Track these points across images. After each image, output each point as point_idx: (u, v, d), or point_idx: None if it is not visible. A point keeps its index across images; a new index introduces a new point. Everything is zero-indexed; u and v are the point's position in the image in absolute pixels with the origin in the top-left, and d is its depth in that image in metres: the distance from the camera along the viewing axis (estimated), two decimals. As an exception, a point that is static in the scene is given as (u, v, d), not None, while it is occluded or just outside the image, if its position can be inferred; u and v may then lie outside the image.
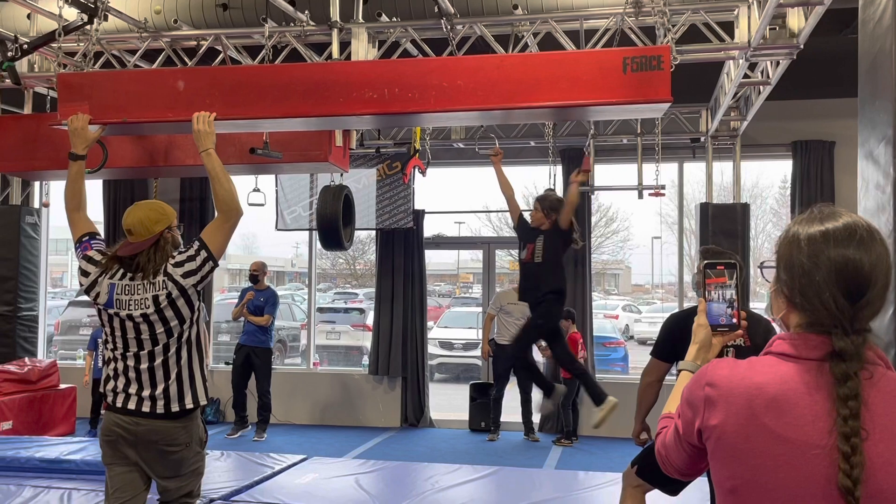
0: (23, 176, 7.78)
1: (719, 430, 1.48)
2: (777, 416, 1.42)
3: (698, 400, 1.53)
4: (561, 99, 3.86)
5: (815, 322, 1.46)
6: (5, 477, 5.64)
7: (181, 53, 6.75)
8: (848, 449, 1.35)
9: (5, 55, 5.86)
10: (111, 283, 3.29)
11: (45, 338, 10.03)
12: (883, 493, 1.35)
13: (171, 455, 3.33)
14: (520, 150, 9.42)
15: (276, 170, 7.10)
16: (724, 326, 1.74)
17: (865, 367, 1.41)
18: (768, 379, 1.45)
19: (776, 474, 1.41)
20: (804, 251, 1.49)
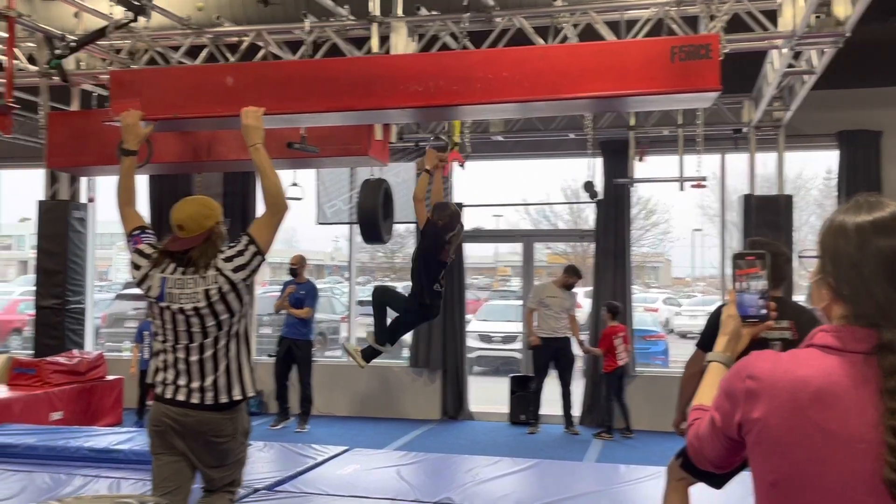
0: (70, 172, 7.94)
1: (761, 423, 1.46)
2: (822, 409, 1.40)
3: (739, 392, 1.50)
4: (607, 89, 3.84)
5: (861, 314, 1.43)
6: (56, 466, 5.77)
7: (223, 49, 6.83)
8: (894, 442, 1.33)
9: (54, 53, 5.98)
10: (163, 277, 3.34)
11: (92, 330, 10.23)
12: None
13: (217, 446, 3.39)
14: (558, 143, 9.39)
15: (316, 164, 7.16)
16: (754, 317, 1.72)
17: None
18: (812, 372, 1.43)
19: (820, 468, 1.40)
20: (852, 241, 1.46)
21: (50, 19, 6.82)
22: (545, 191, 23.19)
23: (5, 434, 6.39)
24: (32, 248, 10.82)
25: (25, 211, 19.24)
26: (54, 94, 7.33)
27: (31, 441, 6.15)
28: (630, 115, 8.42)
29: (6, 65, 5.58)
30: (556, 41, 5.94)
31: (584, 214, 17.64)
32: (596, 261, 9.44)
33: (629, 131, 8.60)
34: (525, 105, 4.25)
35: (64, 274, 9.10)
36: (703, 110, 7.84)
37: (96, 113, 5.89)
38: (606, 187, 9.09)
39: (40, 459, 5.89)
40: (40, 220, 9.28)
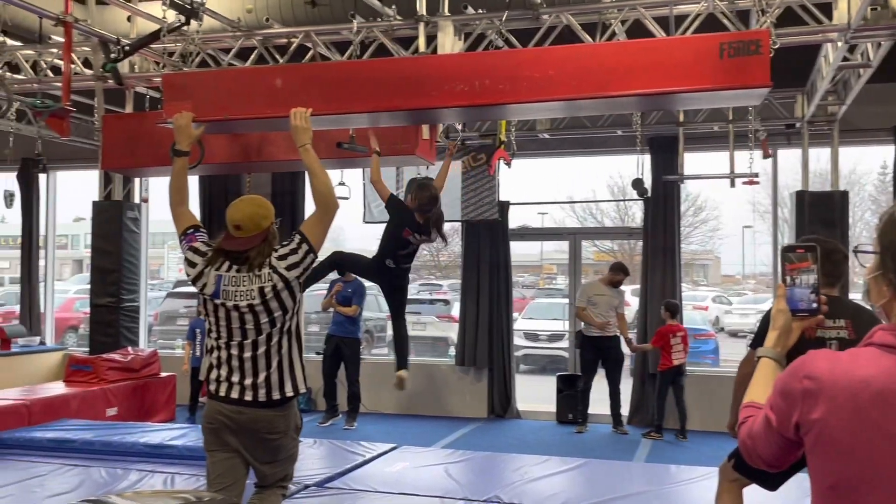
0: (124, 173, 8.11)
1: (821, 424, 1.43)
2: (884, 410, 1.36)
3: (796, 392, 1.47)
4: (655, 86, 3.80)
5: None
6: (112, 461, 5.90)
7: (272, 51, 6.91)
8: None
9: (108, 57, 6.12)
10: (218, 275, 3.39)
11: (145, 328, 10.44)
12: None
13: (270, 442, 3.43)
14: (606, 140, 9.32)
15: (363, 164, 7.19)
16: (805, 311, 1.69)
17: None
18: (872, 372, 1.39)
19: (883, 471, 1.36)
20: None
21: (104, 24, 6.98)
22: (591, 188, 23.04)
23: (64, 429, 6.57)
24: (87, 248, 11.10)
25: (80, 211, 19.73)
26: (109, 96, 7.51)
27: (88, 436, 6.30)
28: (679, 112, 8.31)
29: (64, 69, 5.72)
30: (604, 38, 5.90)
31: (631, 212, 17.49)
32: (644, 258, 9.35)
33: (678, 127, 8.50)
34: (571, 103, 4.22)
35: (118, 273, 9.30)
36: (754, 105, 7.71)
37: (149, 115, 6.00)
38: (655, 184, 9.00)
39: (97, 454, 6.04)
40: (95, 220, 9.49)
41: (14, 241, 15.01)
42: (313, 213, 3.53)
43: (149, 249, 10.70)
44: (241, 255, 3.37)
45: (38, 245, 11.10)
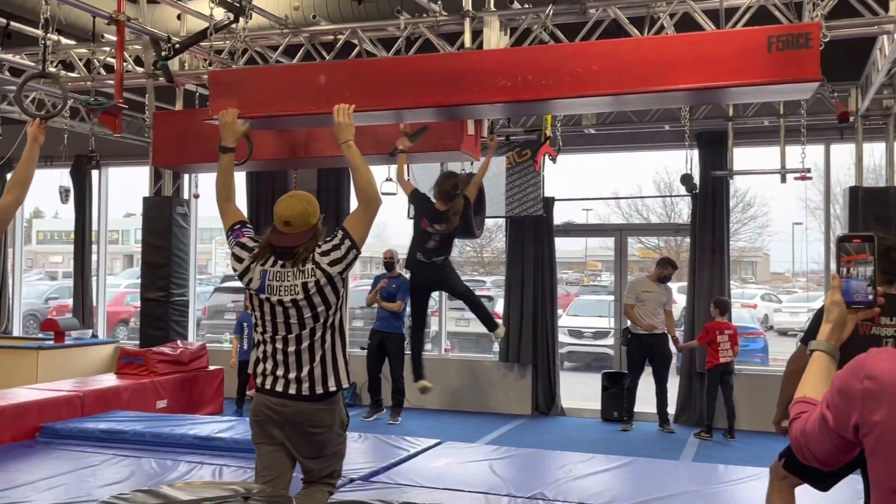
0: (174, 169, 8.24)
1: (882, 426, 1.38)
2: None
3: (856, 392, 1.43)
4: (701, 81, 3.74)
5: None
6: (162, 452, 6.02)
7: (319, 48, 6.97)
8: None
9: (159, 54, 6.22)
10: (263, 270, 3.43)
11: (194, 322, 10.62)
12: None
13: (314, 436, 3.46)
14: (653, 135, 9.21)
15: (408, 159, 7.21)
16: (860, 303, 1.65)
17: None
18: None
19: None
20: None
21: (155, 22, 7.10)
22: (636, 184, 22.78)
23: (115, 420, 6.71)
24: (138, 243, 11.31)
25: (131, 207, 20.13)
26: (159, 94, 7.63)
27: (139, 427, 6.43)
28: (728, 106, 8.18)
29: (116, 67, 5.84)
30: (652, 32, 5.83)
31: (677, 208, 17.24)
32: (692, 256, 9.23)
33: (727, 122, 8.37)
34: (616, 98, 4.17)
35: (168, 267, 9.47)
36: (805, 99, 7.55)
37: (199, 112, 6.08)
38: (703, 179, 8.87)
39: (147, 445, 6.16)
40: (145, 215, 9.68)
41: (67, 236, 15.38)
42: (356, 209, 3.55)
43: (197, 245, 10.88)
44: (288, 251, 3.41)
45: (91, 240, 11.34)
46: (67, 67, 7.86)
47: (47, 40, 5.20)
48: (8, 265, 11.72)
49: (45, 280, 20.69)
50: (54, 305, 15.53)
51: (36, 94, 8.81)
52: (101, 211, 11.56)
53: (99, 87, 7.59)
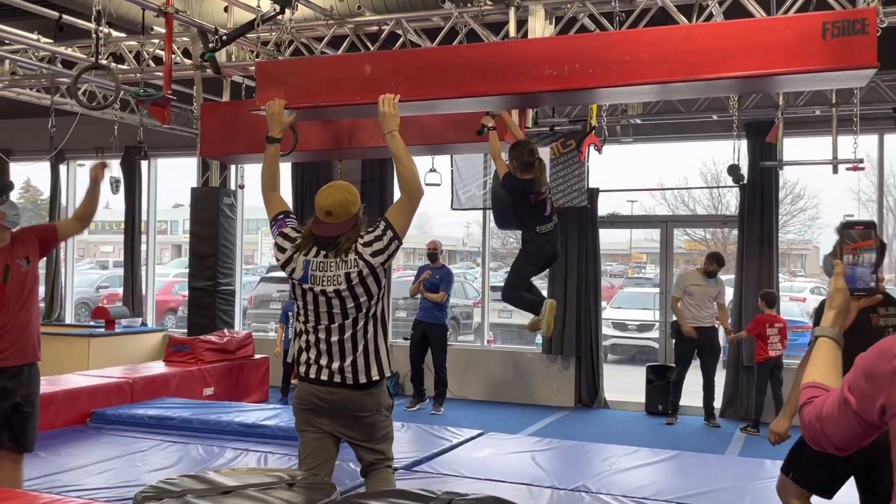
0: (221, 160, 8.33)
1: None
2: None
3: (884, 374, 1.41)
4: (754, 68, 3.66)
5: None
6: (209, 438, 6.11)
7: (364, 39, 6.98)
8: None
9: (207, 46, 6.29)
10: (306, 260, 3.45)
11: (240, 311, 10.76)
12: None
13: (363, 419, 3.48)
14: (701, 125, 9.08)
15: (452, 150, 7.20)
16: (863, 290, 1.65)
17: None
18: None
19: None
20: None
21: (203, 14, 7.19)
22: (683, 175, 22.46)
23: (164, 407, 6.83)
24: (185, 233, 11.49)
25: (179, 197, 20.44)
26: (206, 85, 7.73)
27: (187, 414, 6.54)
28: (778, 95, 8.01)
29: (165, 59, 5.92)
30: (701, 19, 5.73)
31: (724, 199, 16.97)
32: (739, 248, 9.08)
33: (777, 112, 8.20)
34: (664, 87, 4.10)
35: (215, 257, 9.58)
36: (859, 88, 7.36)
37: (245, 103, 6.14)
38: (752, 170, 8.71)
39: (194, 432, 6.26)
40: (193, 205, 9.81)
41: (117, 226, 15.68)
42: (398, 200, 3.55)
43: (243, 235, 11.01)
44: (330, 241, 3.42)
45: (140, 230, 11.55)
46: (118, 60, 7.99)
47: (99, 33, 5.29)
48: (61, 255, 12.00)
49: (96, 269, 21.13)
50: (105, 294, 15.85)
51: (87, 87, 8.97)
52: (150, 201, 11.76)
53: (148, 78, 7.71)
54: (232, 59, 7.45)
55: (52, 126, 7.47)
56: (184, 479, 2.75)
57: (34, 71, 8.45)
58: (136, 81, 7.62)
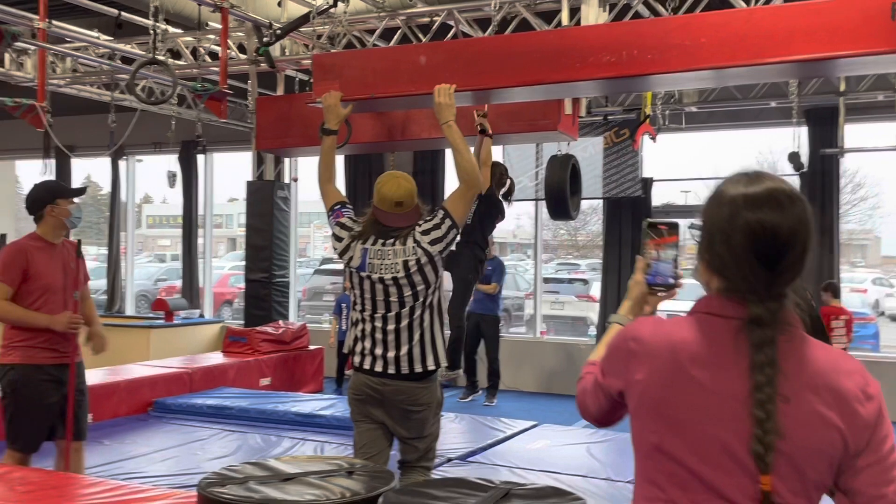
0: (276, 153, 8.42)
1: (643, 384, 1.46)
2: (702, 369, 1.39)
3: (622, 353, 1.51)
4: (818, 51, 3.56)
5: (731, 287, 1.42)
6: (267, 428, 6.21)
7: (416, 30, 6.99)
8: (762, 415, 1.33)
9: (261, 41, 6.36)
10: (364, 248, 3.46)
11: (295, 302, 10.88)
12: (795, 456, 1.33)
13: (413, 414, 3.47)
14: (758, 112, 8.88)
15: (504, 140, 7.17)
16: (661, 286, 1.74)
17: (785, 330, 1.38)
18: (694, 335, 1.43)
19: (704, 427, 1.38)
20: (724, 213, 1.43)
21: (257, 9, 7.27)
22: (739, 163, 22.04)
23: (222, 396, 6.95)
24: (240, 227, 11.65)
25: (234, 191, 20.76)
26: (261, 79, 7.82)
27: (244, 404, 6.65)
28: (840, 80, 7.80)
29: (221, 54, 6.01)
30: (761, 2, 5.60)
31: (782, 188, 16.60)
32: (799, 237, 8.87)
33: (838, 97, 7.99)
34: (721, 73, 4.02)
35: (270, 250, 9.70)
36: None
37: (300, 97, 6.20)
38: (811, 158, 8.50)
39: (252, 421, 6.36)
40: (249, 199, 9.93)
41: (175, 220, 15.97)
42: (457, 189, 3.54)
43: (297, 228, 11.12)
44: (392, 230, 3.43)
45: (197, 224, 11.76)
46: (174, 55, 8.13)
47: (157, 29, 5.38)
48: (121, 249, 12.28)
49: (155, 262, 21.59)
50: (163, 286, 16.19)
51: (146, 82, 9.15)
52: (207, 195, 11.95)
53: (204, 73, 7.83)
54: (286, 53, 7.52)
55: (113, 122, 7.62)
56: (246, 465, 2.79)
57: (94, 68, 8.65)
58: (193, 77, 7.75)
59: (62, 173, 11.74)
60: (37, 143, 7.16)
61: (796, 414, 1.34)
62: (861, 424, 1.35)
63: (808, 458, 1.34)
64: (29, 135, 8.17)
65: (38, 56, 7.11)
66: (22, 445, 4.01)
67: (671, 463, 1.42)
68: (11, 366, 3.96)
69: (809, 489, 1.36)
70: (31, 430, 4.01)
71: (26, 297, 3.93)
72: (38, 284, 3.95)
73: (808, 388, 1.36)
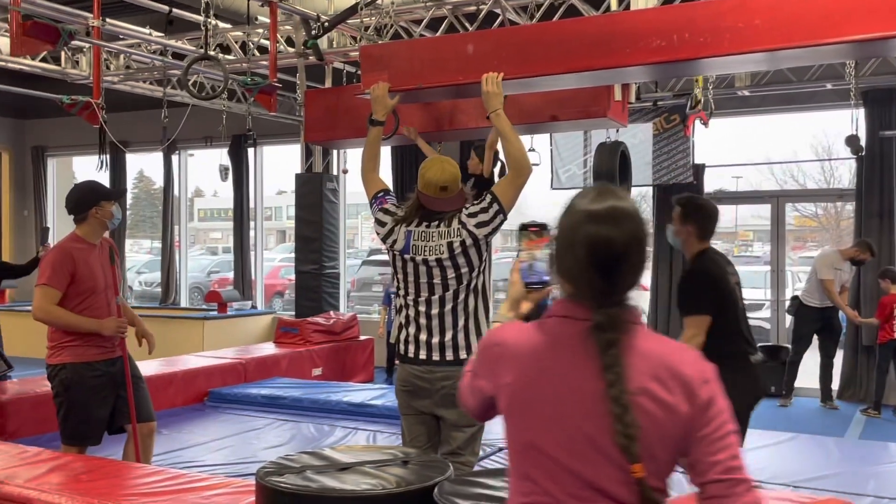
0: (325, 145, 8.49)
1: (512, 387, 1.57)
2: (562, 369, 1.52)
3: (489, 358, 1.64)
4: (876, 31, 3.45)
5: (578, 293, 1.55)
6: (319, 417, 6.28)
7: (462, 19, 6.96)
8: (619, 410, 1.45)
9: (310, 34, 6.40)
10: (408, 230, 3.45)
11: (345, 293, 10.97)
12: (648, 442, 1.46)
13: None
14: (812, 95, 8.67)
15: (553, 128, 7.11)
16: (536, 283, 1.86)
17: (628, 329, 1.52)
18: (552, 338, 1.55)
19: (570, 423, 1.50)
20: (570, 224, 1.56)
21: (304, 2, 7.31)
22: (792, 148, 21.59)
23: (275, 387, 7.05)
24: (289, 219, 11.75)
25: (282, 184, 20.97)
26: (309, 72, 7.87)
27: (297, 394, 6.73)
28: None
29: (270, 47, 6.06)
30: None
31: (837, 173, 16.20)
32: (857, 223, 8.66)
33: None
34: (776, 55, 3.91)
35: (319, 241, 9.79)
36: None
37: (347, 89, 6.22)
38: (870, 141, 8.27)
39: (305, 411, 6.44)
40: (298, 191, 10.04)
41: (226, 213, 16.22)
42: (506, 176, 3.54)
43: (346, 219, 11.20)
44: (436, 213, 3.42)
45: (248, 216, 11.91)
46: (224, 50, 8.22)
47: (208, 24, 5.44)
48: (175, 242, 12.51)
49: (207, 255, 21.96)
50: (216, 278, 16.46)
51: (196, 78, 9.28)
52: (257, 188, 12.10)
53: (253, 67, 7.90)
54: (333, 45, 7.55)
55: (165, 117, 7.75)
56: (302, 455, 2.82)
57: (147, 64, 8.79)
58: (243, 71, 7.83)
59: (116, 168, 11.99)
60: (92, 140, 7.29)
61: (646, 404, 1.47)
62: (700, 405, 1.49)
63: (658, 442, 1.47)
64: (84, 131, 8.36)
65: (92, 54, 7.25)
66: (79, 441, 4.09)
67: (543, 458, 1.53)
68: (62, 365, 4.03)
69: (662, 469, 1.50)
70: (87, 426, 4.07)
71: (72, 298, 3.98)
72: (83, 287, 4.00)
73: (654, 379, 1.49)
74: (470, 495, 2.40)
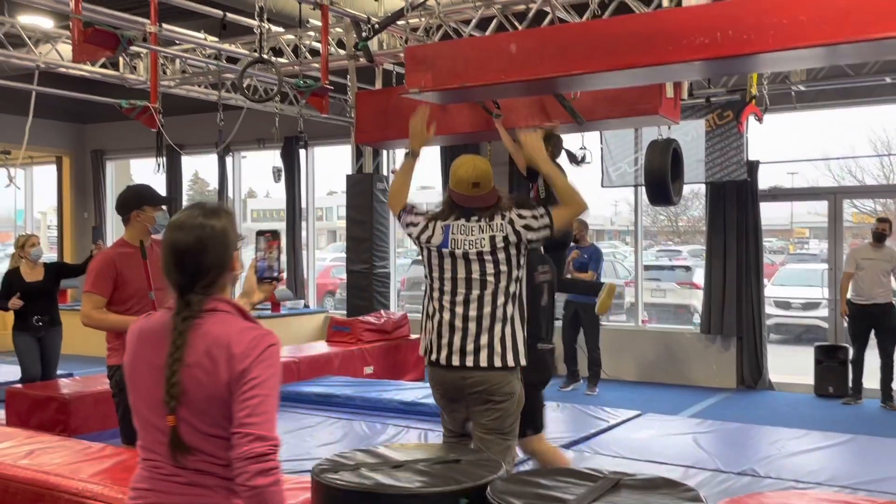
0: (375, 146, 8.57)
1: (126, 364, 2.08)
2: (150, 347, 2.01)
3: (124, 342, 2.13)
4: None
5: (171, 286, 2.01)
6: (372, 415, 6.34)
7: (511, 19, 6.97)
8: (169, 375, 1.93)
9: (360, 36, 6.47)
10: (446, 225, 3.41)
11: (395, 293, 11.05)
12: (192, 403, 1.93)
13: (496, 405, 3.34)
14: (871, 89, 8.47)
15: (604, 126, 7.08)
16: (268, 278, 2.30)
17: (201, 315, 1.97)
18: (154, 324, 2.04)
19: (148, 386, 1.99)
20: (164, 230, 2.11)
21: (354, 4, 7.39)
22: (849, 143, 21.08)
23: (328, 385, 7.14)
24: (340, 219, 11.85)
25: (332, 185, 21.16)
26: (359, 74, 7.94)
27: (349, 392, 6.81)
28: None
29: (322, 50, 6.14)
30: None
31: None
32: (917, 218, 8.42)
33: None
34: (828, 51, 3.86)
35: (370, 241, 9.87)
36: None
37: (397, 90, 6.28)
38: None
39: (357, 409, 6.51)
40: (349, 191, 10.13)
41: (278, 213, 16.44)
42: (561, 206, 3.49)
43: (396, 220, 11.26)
44: (474, 210, 3.39)
45: (300, 217, 12.07)
46: (276, 53, 8.35)
47: (262, 28, 5.54)
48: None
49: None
50: (269, 278, 16.67)
51: (250, 81, 9.44)
52: (309, 189, 12.25)
53: (305, 70, 8.02)
54: (383, 47, 7.62)
55: (220, 120, 7.90)
56: (356, 452, 2.87)
57: (202, 68, 8.97)
58: (295, 74, 7.94)
59: (172, 170, 12.25)
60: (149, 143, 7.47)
61: (195, 374, 1.92)
62: (238, 373, 1.91)
63: (207, 403, 1.92)
64: (141, 134, 8.57)
65: (150, 59, 7.44)
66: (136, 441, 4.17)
67: (138, 415, 2.05)
68: (118, 366, 4.12)
69: (216, 424, 1.93)
70: None
71: (121, 302, 4.03)
72: (129, 291, 4.05)
73: (207, 355, 1.93)
74: (523, 494, 2.42)
